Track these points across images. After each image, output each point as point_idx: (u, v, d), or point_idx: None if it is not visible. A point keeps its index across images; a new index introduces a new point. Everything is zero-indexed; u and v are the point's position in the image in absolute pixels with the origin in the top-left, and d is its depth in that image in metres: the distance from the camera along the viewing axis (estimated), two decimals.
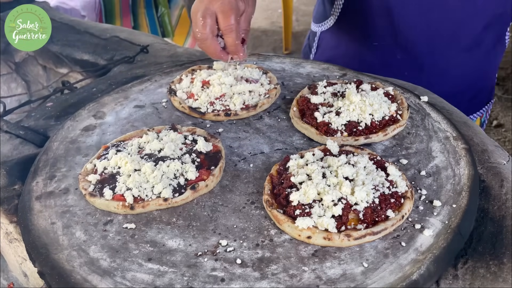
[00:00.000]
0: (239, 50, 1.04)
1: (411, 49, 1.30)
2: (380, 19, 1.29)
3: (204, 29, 0.99)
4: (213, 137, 0.99)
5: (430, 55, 1.31)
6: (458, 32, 1.28)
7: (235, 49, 1.04)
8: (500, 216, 0.80)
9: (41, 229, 0.81)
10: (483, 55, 1.34)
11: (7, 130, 1.12)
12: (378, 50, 1.34)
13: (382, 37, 1.32)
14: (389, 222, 0.75)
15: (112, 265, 0.73)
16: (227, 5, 0.97)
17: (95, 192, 0.86)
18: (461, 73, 1.34)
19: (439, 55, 1.30)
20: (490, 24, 1.28)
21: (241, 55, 1.06)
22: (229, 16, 0.98)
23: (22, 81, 1.80)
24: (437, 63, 1.32)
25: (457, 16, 1.24)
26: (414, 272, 0.69)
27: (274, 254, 0.74)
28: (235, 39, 1.01)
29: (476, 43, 1.30)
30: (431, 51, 1.30)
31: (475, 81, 1.39)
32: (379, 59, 1.35)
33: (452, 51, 1.30)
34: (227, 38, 1.01)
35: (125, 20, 2.69)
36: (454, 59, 1.31)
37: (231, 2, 0.98)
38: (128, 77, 1.33)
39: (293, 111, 1.05)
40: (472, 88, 1.39)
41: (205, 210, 0.83)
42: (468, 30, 1.28)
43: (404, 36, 1.29)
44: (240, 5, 1.01)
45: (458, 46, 1.30)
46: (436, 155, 0.92)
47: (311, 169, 0.84)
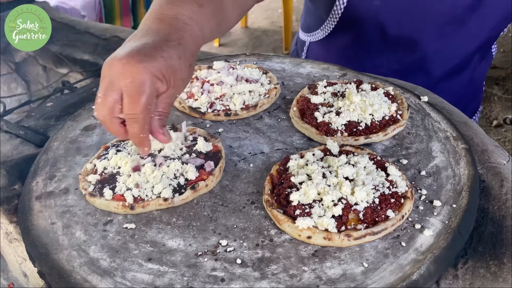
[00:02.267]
0: (144, 144, 0.79)
1: (403, 63, 1.31)
2: (375, 36, 1.27)
3: (102, 108, 0.75)
4: (213, 137, 0.99)
5: (420, 70, 1.31)
6: (450, 54, 1.29)
7: (138, 142, 0.79)
8: (500, 216, 0.80)
9: (41, 229, 0.81)
10: (471, 71, 1.36)
11: (7, 130, 1.12)
12: (371, 65, 1.32)
13: (377, 54, 1.32)
14: (389, 222, 0.75)
15: (112, 265, 0.73)
16: (137, 87, 0.72)
17: (95, 192, 0.86)
18: (450, 90, 1.35)
19: (428, 71, 1.31)
20: (481, 47, 1.30)
21: (146, 150, 0.81)
22: (136, 101, 0.72)
23: (22, 81, 1.80)
24: (428, 79, 1.32)
25: (450, 41, 1.25)
26: (414, 272, 0.69)
27: (274, 254, 0.74)
28: (139, 131, 0.76)
29: (465, 63, 1.32)
30: (422, 66, 1.30)
31: (465, 94, 1.41)
32: (375, 71, 1.32)
33: (441, 70, 1.32)
34: (129, 127, 0.77)
35: (125, 20, 2.69)
36: (444, 77, 1.33)
37: (144, 83, 0.72)
38: None
39: (293, 111, 1.05)
40: (463, 100, 1.40)
41: (205, 210, 0.83)
42: (459, 52, 1.30)
43: (396, 54, 1.29)
44: (159, 86, 0.74)
45: (447, 66, 1.32)
46: (436, 155, 0.92)
47: (311, 169, 0.84)
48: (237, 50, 4.33)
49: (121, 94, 0.74)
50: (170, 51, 0.74)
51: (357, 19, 1.26)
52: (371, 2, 1.21)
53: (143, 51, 0.73)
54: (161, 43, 0.75)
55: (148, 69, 0.72)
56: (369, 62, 1.33)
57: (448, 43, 1.25)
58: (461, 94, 1.39)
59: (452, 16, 1.21)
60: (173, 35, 0.76)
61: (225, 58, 1.34)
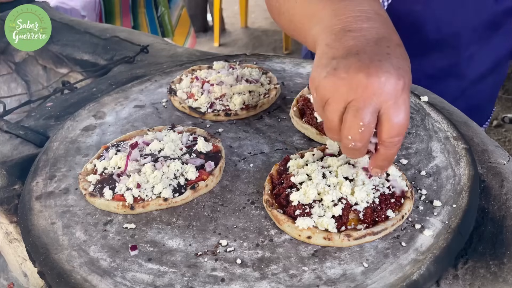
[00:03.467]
0: (389, 166, 0.74)
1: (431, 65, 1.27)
2: (413, 39, 1.22)
3: (361, 138, 0.64)
4: (213, 137, 0.99)
5: (453, 75, 1.28)
6: (484, 58, 1.25)
7: (383, 165, 0.72)
8: (500, 216, 0.80)
9: (41, 229, 0.81)
10: (499, 75, 1.35)
11: (7, 130, 1.12)
12: None
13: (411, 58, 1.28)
14: (389, 222, 0.75)
15: (112, 265, 0.73)
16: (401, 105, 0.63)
17: (95, 192, 0.86)
18: (479, 93, 1.33)
19: None
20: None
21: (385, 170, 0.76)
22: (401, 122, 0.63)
23: (22, 81, 1.80)
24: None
25: (486, 46, 1.23)
26: (414, 272, 0.69)
27: (274, 254, 0.74)
28: (395, 153, 0.68)
29: (496, 67, 1.31)
30: (455, 70, 1.28)
31: (490, 96, 1.41)
32: None
33: (474, 74, 1.29)
34: (385, 151, 0.68)
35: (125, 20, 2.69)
36: (475, 81, 1.31)
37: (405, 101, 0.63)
38: (128, 77, 1.33)
39: (293, 111, 1.05)
40: (488, 102, 1.40)
41: (205, 210, 0.83)
42: (492, 57, 1.27)
43: (431, 59, 1.26)
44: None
45: (480, 70, 1.29)
46: (436, 155, 0.92)
47: (311, 169, 0.84)
48: (237, 50, 4.33)
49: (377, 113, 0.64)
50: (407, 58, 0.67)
51: (396, 21, 1.22)
52: (412, 5, 1.19)
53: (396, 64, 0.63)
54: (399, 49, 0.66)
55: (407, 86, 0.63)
56: None
57: (484, 47, 1.24)
58: (487, 97, 1.39)
59: (490, 21, 1.20)
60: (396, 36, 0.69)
61: (225, 58, 1.34)
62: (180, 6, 3.08)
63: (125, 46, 1.55)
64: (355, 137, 0.65)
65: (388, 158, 0.70)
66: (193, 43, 3.22)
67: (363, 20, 0.69)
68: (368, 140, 0.66)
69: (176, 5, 3.04)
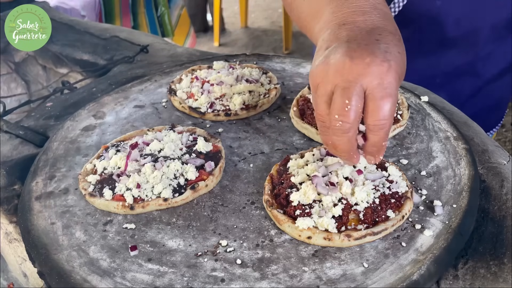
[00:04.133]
0: (381, 152, 0.72)
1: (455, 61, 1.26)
2: (431, 36, 1.22)
3: (348, 116, 0.65)
4: (213, 137, 0.98)
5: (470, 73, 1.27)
6: (500, 57, 1.25)
7: (377, 151, 0.71)
8: (501, 216, 0.79)
9: (41, 229, 0.81)
10: None
11: (7, 130, 1.12)
12: (420, 67, 1.26)
13: (429, 56, 1.26)
14: (389, 222, 0.75)
15: (112, 266, 0.73)
16: (386, 88, 0.64)
17: (95, 192, 0.86)
18: (494, 92, 1.32)
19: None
20: None
21: (380, 158, 0.74)
22: (385, 104, 0.64)
23: (22, 81, 1.80)
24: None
25: (503, 44, 1.23)
26: (414, 272, 0.69)
27: (274, 254, 0.74)
28: (384, 138, 0.68)
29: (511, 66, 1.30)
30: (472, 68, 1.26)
31: (505, 96, 1.40)
32: (417, 78, 1.23)
33: (490, 73, 1.28)
34: (373, 136, 0.68)
35: (125, 20, 2.69)
36: (491, 80, 1.30)
37: (391, 85, 0.64)
38: (128, 77, 1.33)
39: (293, 111, 1.05)
40: (502, 102, 1.39)
41: (205, 210, 0.83)
42: (509, 56, 1.26)
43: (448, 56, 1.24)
44: (398, 85, 0.67)
45: (496, 69, 1.28)
46: (436, 155, 0.92)
47: (311, 169, 0.84)
48: (237, 50, 4.33)
49: (364, 97, 0.65)
50: (400, 46, 0.67)
51: (415, 17, 1.21)
52: (433, 1, 1.18)
53: (383, 48, 0.65)
54: (391, 37, 0.67)
55: (393, 69, 0.64)
56: (419, 63, 1.28)
57: (501, 46, 1.24)
58: (502, 96, 1.38)
59: (510, 20, 1.19)
60: (392, 27, 0.69)
61: (225, 58, 1.34)
62: (180, 6, 3.08)
63: (125, 46, 1.55)
64: (342, 116, 0.65)
65: (376, 144, 0.70)
66: (193, 43, 3.22)
67: (358, 14, 0.70)
68: (355, 121, 0.66)
69: (176, 5, 3.04)
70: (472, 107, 1.17)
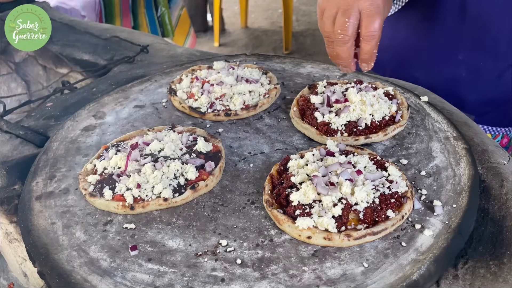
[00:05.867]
0: (373, 59, 0.95)
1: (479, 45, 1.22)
2: (453, 11, 1.20)
3: (347, 30, 0.90)
4: (213, 137, 0.99)
5: (492, 54, 1.21)
6: None
7: (369, 58, 0.95)
8: (500, 216, 0.80)
9: (41, 229, 0.81)
10: None
11: (7, 130, 1.12)
12: (441, 46, 1.26)
13: (450, 33, 1.23)
14: (389, 222, 0.75)
15: (112, 265, 0.73)
16: (375, 8, 0.90)
17: (95, 192, 0.86)
18: None
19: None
20: None
21: (372, 64, 0.96)
22: (375, 20, 0.90)
23: (22, 81, 1.80)
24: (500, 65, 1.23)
25: None
26: (414, 272, 0.69)
27: (274, 254, 0.74)
28: (374, 47, 0.93)
29: None
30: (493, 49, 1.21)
31: None
32: (439, 56, 1.27)
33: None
34: (366, 44, 0.92)
35: (125, 20, 2.69)
36: None
37: (379, 6, 0.90)
38: (128, 77, 1.33)
39: (293, 111, 1.05)
40: None
41: (205, 210, 0.83)
42: None
43: (470, 33, 1.21)
44: (385, 10, 0.93)
45: None
46: (436, 155, 0.92)
47: (311, 169, 0.84)
48: (237, 50, 4.33)
49: (359, 16, 0.90)
50: None
51: None
52: None
53: None
54: None
55: None
56: (439, 40, 1.26)
57: None
58: None
59: None
60: None
61: (225, 58, 1.34)
62: (180, 6, 3.08)
63: (125, 46, 1.55)
64: (343, 30, 0.91)
65: (369, 51, 0.93)
66: (193, 43, 3.22)
67: None
68: (353, 34, 0.92)
69: (176, 5, 3.04)
70: (496, 90, 1.16)
